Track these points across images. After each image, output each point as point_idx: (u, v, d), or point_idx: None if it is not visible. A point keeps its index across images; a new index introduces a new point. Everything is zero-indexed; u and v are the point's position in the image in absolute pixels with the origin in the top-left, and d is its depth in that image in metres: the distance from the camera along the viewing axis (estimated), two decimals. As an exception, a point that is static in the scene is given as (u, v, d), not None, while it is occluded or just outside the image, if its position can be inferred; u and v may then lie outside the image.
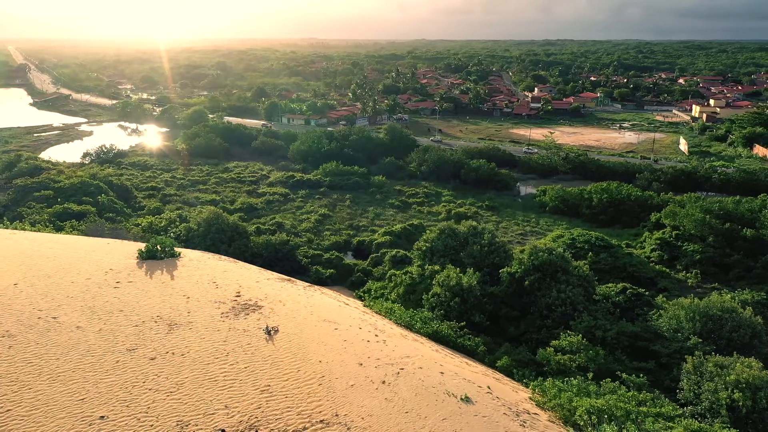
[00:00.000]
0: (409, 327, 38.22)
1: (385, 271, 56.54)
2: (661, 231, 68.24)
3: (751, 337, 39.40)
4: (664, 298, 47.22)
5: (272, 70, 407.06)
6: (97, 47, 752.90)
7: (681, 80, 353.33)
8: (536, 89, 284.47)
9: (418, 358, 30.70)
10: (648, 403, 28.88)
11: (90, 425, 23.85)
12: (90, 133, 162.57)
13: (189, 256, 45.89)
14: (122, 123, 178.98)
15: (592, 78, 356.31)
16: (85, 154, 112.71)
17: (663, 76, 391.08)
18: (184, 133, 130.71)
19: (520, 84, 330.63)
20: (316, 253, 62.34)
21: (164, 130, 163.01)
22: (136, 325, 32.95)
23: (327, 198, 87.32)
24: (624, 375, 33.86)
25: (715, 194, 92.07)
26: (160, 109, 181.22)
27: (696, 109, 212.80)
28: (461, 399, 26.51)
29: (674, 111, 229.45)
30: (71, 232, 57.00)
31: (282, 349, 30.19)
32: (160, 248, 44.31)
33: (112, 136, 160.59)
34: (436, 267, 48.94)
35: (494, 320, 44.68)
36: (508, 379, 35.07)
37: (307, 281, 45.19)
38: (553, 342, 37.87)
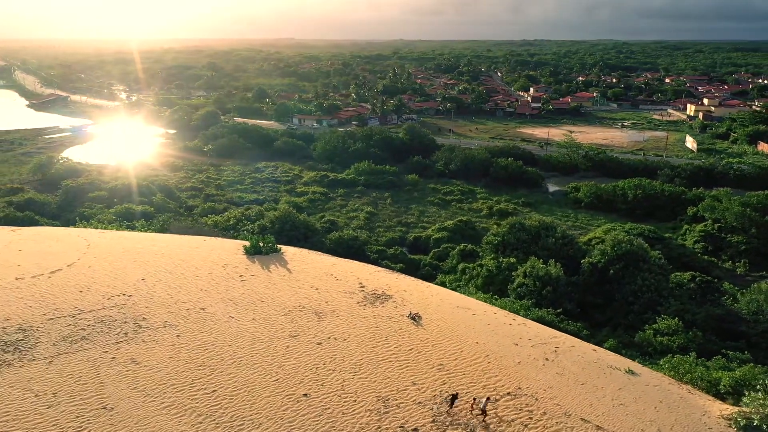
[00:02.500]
0: (515, 313, 40.59)
1: (454, 264, 58.70)
2: (702, 224, 71.59)
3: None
4: (732, 285, 50.20)
5: (263, 71, 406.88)
6: (72, 48, 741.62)
7: (668, 80, 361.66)
8: (532, 89, 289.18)
9: (565, 338, 33.19)
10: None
11: (297, 402, 26.15)
12: (100, 135, 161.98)
13: (287, 251, 47.90)
14: (129, 124, 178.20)
15: (581, 78, 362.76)
16: (111, 156, 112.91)
17: (649, 75, 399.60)
18: (203, 134, 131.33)
19: (513, 84, 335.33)
20: (380, 248, 64.24)
21: (173, 131, 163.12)
22: (284, 315, 35.20)
23: (366, 197, 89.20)
24: (730, 353, 36.71)
25: (732, 189, 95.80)
26: (169, 110, 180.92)
27: (691, 108, 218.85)
28: (626, 371, 29.04)
29: (669, 110, 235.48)
30: (143, 230, 58.35)
31: (434, 332, 32.44)
32: (262, 245, 46.39)
33: (121, 137, 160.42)
34: (512, 259, 51.29)
35: (580, 307, 47.20)
36: (621, 357, 37.48)
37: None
38: (653, 325, 40.40)
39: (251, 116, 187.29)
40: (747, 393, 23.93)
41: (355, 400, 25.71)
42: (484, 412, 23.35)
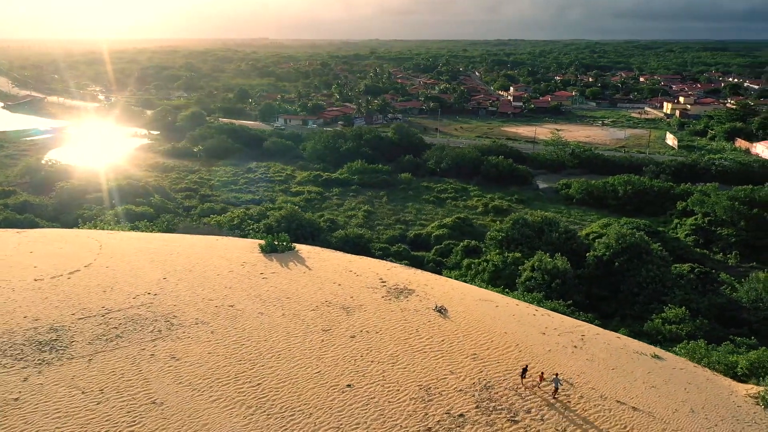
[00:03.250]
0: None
1: (458, 260, 59.71)
2: (693, 217, 73.99)
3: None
4: (728, 275, 52.15)
5: (241, 71, 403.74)
6: (41, 48, 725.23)
7: (642, 79, 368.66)
8: (511, 88, 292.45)
9: (588, 327, 34.40)
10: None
11: (342, 392, 26.95)
12: (82, 136, 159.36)
13: (302, 249, 48.47)
14: (109, 125, 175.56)
15: (558, 77, 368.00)
16: (100, 158, 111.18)
17: (623, 75, 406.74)
18: (190, 134, 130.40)
19: (492, 84, 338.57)
20: (383, 246, 64.98)
21: (156, 132, 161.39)
22: (313, 310, 35.92)
23: (362, 196, 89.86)
24: (737, 338, 38.37)
25: (715, 184, 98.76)
26: (150, 111, 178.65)
27: (668, 106, 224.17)
28: (652, 356, 30.33)
29: (646, 108, 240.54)
30: (148, 230, 58.21)
31: (462, 324, 33.37)
32: (277, 243, 46.93)
33: (104, 138, 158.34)
34: (518, 254, 52.47)
35: (587, 300, 48.59)
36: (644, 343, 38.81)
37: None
38: (661, 314, 41.88)
39: (234, 116, 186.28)
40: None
41: (398, 390, 26.49)
42: (556, 389, 24.49)
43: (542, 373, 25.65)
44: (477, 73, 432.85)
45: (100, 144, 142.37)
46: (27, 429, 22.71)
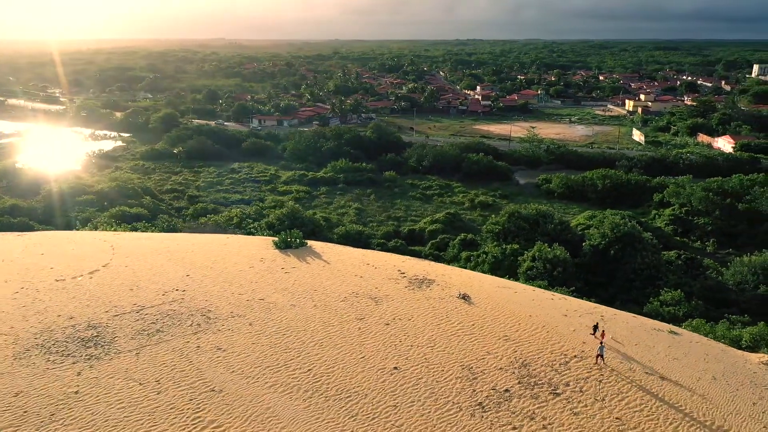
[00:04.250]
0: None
1: (456, 253, 61.58)
2: (670, 208, 77.84)
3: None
4: (712, 261, 55.52)
5: (205, 72, 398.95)
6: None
7: (601, 77, 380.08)
8: (478, 88, 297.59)
9: (604, 308, 36.66)
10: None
11: (390, 374, 28.54)
12: (49, 139, 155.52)
13: (314, 245, 49.61)
14: (77, 128, 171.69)
15: (521, 77, 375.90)
16: (77, 160, 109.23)
17: (583, 73, 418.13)
18: (167, 136, 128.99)
19: (458, 83, 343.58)
20: (380, 241, 66.41)
21: (127, 134, 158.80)
22: (342, 301, 37.30)
23: (349, 194, 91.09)
24: (732, 316, 41.32)
25: (689, 176, 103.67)
26: (120, 113, 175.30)
27: (629, 104, 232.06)
28: (669, 332, 32.67)
29: (609, 105, 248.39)
30: (147, 230, 58.27)
31: (487, 309, 35.18)
32: (290, 239, 48.06)
33: (72, 141, 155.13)
34: (516, 246, 54.76)
35: (586, 286, 51.15)
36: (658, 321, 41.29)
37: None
38: (658, 297, 44.65)
39: (205, 117, 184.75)
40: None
41: (443, 370, 28.03)
42: (601, 356, 26.57)
43: (603, 331, 28.27)
44: (442, 73, 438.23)
45: (69, 147, 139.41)
46: (94, 419, 23.36)
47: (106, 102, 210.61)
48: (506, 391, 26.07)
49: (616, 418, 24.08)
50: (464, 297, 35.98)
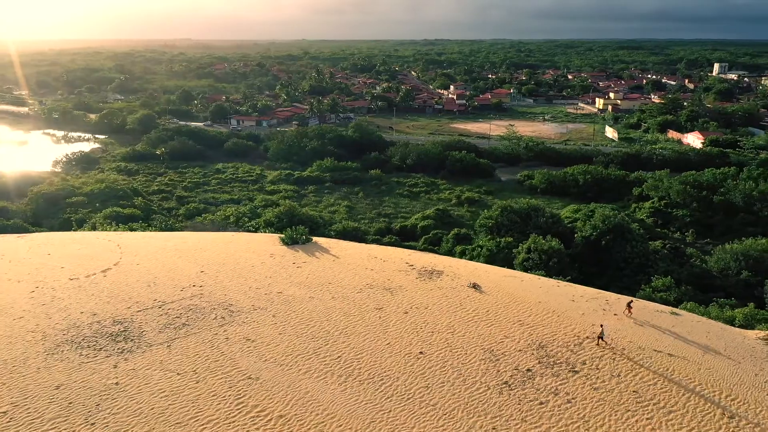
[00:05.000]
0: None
1: (450, 247, 63.14)
2: (650, 201, 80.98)
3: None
4: (694, 250, 58.33)
5: (176, 73, 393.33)
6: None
7: (570, 76, 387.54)
8: (452, 87, 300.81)
9: (607, 294, 38.63)
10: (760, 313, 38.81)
11: (417, 358, 30.04)
12: (24, 142, 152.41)
13: (319, 241, 50.67)
14: (49, 130, 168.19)
15: (491, 76, 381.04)
16: (56, 162, 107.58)
17: (552, 73, 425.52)
18: (146, 137, 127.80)
19: (431, 83, 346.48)
20: (375, 238, 67.57)
21: (103, 136, 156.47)
22: (358, 292, 38.66)
23: (337, 192, 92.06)
24: (720, 300, 43.84)
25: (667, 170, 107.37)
26: (95, 115, 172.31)
27: (600, 102, 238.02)
28: (671, 313, 34.77)
29: (580, 104, 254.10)
30: (145, 230, 58.47)
31: (499, 297, 36.82)
32: (296, 236, 49.18)
33: (45, 144, 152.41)
34: (510, 239, 56.63)
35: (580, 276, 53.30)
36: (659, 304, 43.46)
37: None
38: (650, 284, 46.94)
39: (181, 118, 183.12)
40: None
41: (466, 353, 29.49)
42: (601, 337, 28.33)
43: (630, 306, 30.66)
44: (413, 73, 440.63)
45: (43, 149, 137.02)
46: (140, 408, 24.16)
47: (77, 104, 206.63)
48: (528, 370, 27.63)
49: (634, 392, 25.86)
50: (475, 286, 37.50)
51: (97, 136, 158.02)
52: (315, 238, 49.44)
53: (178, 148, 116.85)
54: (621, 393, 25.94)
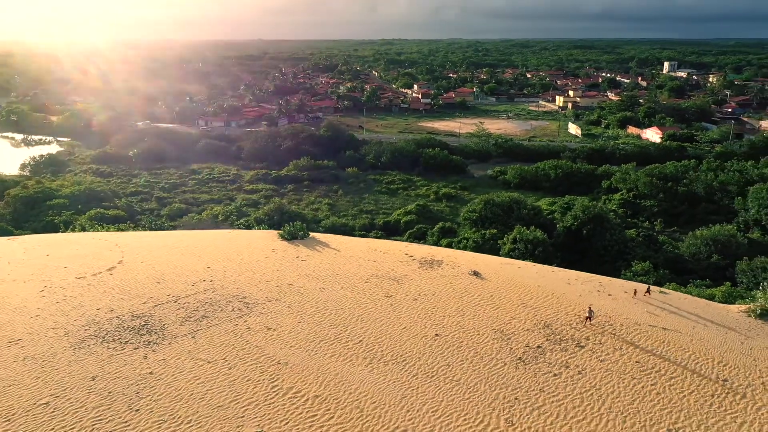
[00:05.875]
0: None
1: (436, 240, 65.09)
2: (619, 193, 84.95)
3: (745, 251, 55.33)
4: (665, 237, 61.97)
5: (134, 73, 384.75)
6: None
7: (529, 75, 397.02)
8: (415, 86, 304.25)
9: (598, 277, 41.19)
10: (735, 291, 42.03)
11: (434, 340, 31.98)
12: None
13: (316, 235, 51.91)
14: (5, 133, 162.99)
15: (452, 75, 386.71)
16: (24, 165, 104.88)
17: (511, 71, 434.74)
18: (115, 139, 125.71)
19: (394, 82, 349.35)
20: (361, 233, 68.87)
21: (66, 138, 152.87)
22: (366, 282, 40.31)
23: (317, 190, 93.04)
24: (696, 281, 47.11)
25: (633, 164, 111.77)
26: (57, 117, 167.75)
27: (560, 100, 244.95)
28: (660, 292, 37.47)
29: (541, 101, 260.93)
30: (135, 230, 58.56)
31: (500, 282, 38.95)
32: (295, 231, 50.47)
33: (5, 147, 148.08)
34: (494, 231, 59.06)
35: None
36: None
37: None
38: (630, 269, 49.97)
39: (146, 119, 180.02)
40: (762, 289, 33.14)
41: (479, 334, 31.40)
42: (589, 318, 30.66)
43: (635, 290, 32.80)
44: (375, 73, 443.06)
45: (6, 152, 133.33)
46: (179, 394, 25.16)
47: (34, 106, 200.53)
48: (539, 347, 29.71)
49: (636, 362, 28.23)
50: (475, 273, 39.50)
51: (59, 138, 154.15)
52: (313, 234, 50.63)
53: (150, 150, 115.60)
54: (625, 363, 28.25)
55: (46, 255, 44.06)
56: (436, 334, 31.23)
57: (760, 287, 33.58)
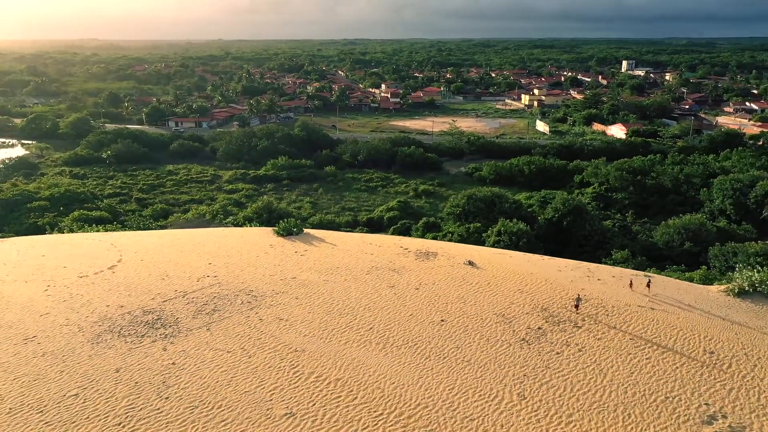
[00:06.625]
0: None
1: (420, 235, 66.64)
2: (591, 187, 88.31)
3: (715, 238, 58.72)
4: (639, 227, 65.08)
5: (94, 75, 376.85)
6: None
7: (493, 74, 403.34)
8: (383, 86, 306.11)
9: (586, 264, 43.42)
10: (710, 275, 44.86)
11: (440, 325, 33.71)
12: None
13: (310, 231, 52.99)
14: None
15: (418, 74, 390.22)
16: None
17: (475, 71, 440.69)
18: (85, 141, 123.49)
19: (361, 82, 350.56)
20: (346, 230, 69.93)
21: (30, 141, 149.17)
22: (367, 274, 41.82)
23: (297, 189, 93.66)
24: (673, 267, 49.94)
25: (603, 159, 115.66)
26: (21, 120, 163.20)
27: (525, 98, 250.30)
28: (645, 275, 39.86)
29: (507, 100, 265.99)
30: (122, 230, 58.52)
31: (495, 271, 40.85)
32: (290, 227, 51.68)
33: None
34: (478, 224, 61.09)
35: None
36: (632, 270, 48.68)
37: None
38: (610, 257, 52.53)
39: (113, 121, 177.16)
40: (738, 270, 35.79)
41: (482, 318, 33.11)
42: (576, 306, 32.63)
43: (631, 281, 34.68)
44: (341, 72, 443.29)
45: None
46: (205, 381, 26.10)
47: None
48: (539, 328, 31.57)
49: (630, 339, 30.36)
50: (471, 263, 41.25)
51: (24, 141, 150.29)
52: (306, 230, 51.64)
53: (124, 151, 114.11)
54: (620, 340, 30.34)
55: (41, 255, 44.02)
56: (442, 320, 32.77)
57: (736, 269, 36.22)
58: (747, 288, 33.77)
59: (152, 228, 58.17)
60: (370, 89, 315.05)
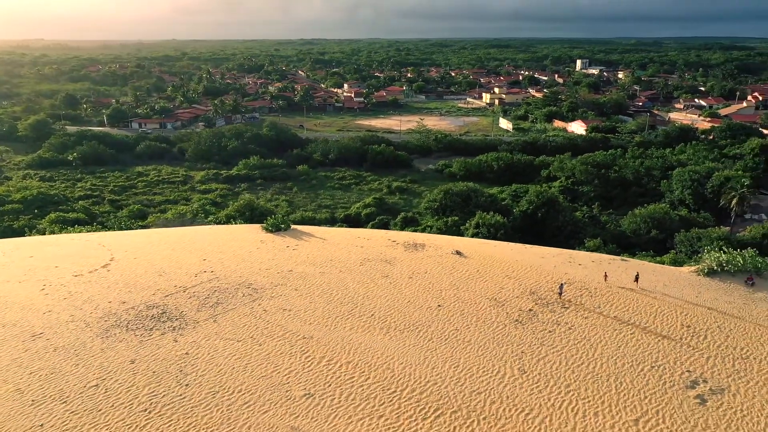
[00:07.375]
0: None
1: (400, 230, 68.36)
2: (558, 181, 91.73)
3: (678, 226, 62.36)
4: (607, 217, 68.36)
5: (46, 76, 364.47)
6: None
7: (453, 73, 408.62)
8: (345, 86, 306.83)
9: (566, 251, 45.83)
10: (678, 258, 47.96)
11: (437, 310, 35.59)
12: None
13: (297, 227, 53.99)
14: None
15: (378, 74, 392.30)
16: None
17: (434, 70, 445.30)
18: (48, 143, 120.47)
19: (322, 81, 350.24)
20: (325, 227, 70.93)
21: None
22: (361, 265, 43.39)
23: (272, 188, 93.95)
24: (642, 253, 53.01)
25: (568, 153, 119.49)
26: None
27: (486, 97, 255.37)
28: (622, 259, 42.55)
29: (468, 99, 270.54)
30: (100, 229, 58.32)
31: (482, 259, 42.90)
32: (279, 223, 52.79)
33: None
34: (455, 218, 63.19)
35: (520, 245, 60.83)
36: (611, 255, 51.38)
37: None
38: (584, 246, 55.31)
39: (73, 123, 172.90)
40: (707, 252, 38.70)
41: (476, 302, 34.98)
42: (560, 293, 34.80)
43: (606, 274, 36.58)
44: (302, 72, 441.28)
45: None
46: (221, 369, 27.12)
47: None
48: (530, 310, 33.61)
49: (614, 317, 32.71)
50: (458, 253, 43.15)
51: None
52: (293, 225, 52.61)
53: (90, 153, 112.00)
54: (605, 319, 32.64)
55: (29, 257, 43.73)
56: (439, 305, 34.48)
57: (703, 252, 39.11)
58: (716, 268, 36.63)
59: (135, 228, 58.13)
60: (333, 89, 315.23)
